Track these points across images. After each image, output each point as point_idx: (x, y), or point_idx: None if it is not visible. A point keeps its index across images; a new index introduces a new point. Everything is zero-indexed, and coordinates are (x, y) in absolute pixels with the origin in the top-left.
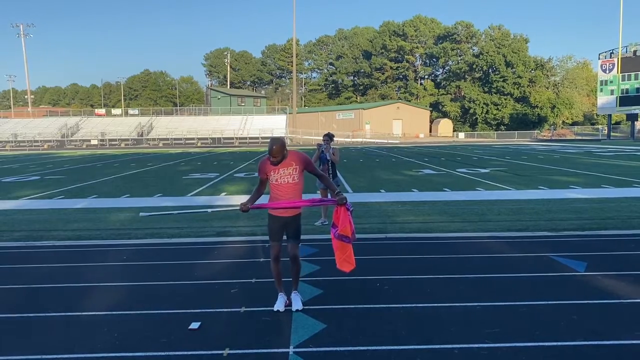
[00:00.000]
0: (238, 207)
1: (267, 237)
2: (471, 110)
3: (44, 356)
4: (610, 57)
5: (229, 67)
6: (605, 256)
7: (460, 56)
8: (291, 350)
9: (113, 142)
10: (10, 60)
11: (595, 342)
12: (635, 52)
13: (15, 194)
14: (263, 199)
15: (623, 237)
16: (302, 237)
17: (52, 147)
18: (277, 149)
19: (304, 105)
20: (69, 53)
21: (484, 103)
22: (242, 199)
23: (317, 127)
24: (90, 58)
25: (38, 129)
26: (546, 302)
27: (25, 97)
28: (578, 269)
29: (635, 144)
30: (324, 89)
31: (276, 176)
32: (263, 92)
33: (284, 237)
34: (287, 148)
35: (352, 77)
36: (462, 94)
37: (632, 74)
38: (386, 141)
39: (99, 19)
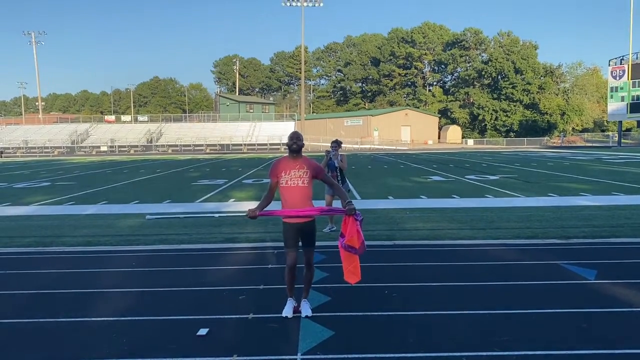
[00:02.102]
0: (245, 214)
1: (275, 244)
2: (480, 117)
3: None
4: (621, 64)
5: (237, 74)
6: (615, 264)
7: (469, 63)
8: (299, 357)
9: (122, 149)
10: (22, 67)
11: (606, 351)
12: None
13: (26, 199)
14: (273, 207)
15: (634, 244)
16: None
17: (62, 154)
18: (298, 135)
19: (312, 112)
20: (79, 60)
21: (493, 110)
22: (251, 205)
23: (326, 133)
24: (100, 65)
25: (48, 135)
26: (556, 310)
27: (36, 103)
28: (588, 276)
29: None
30: (332, 96)
31: (287, 177)
32: (271, 98)
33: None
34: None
35: (360, 84)
36: (471, 100)
37: None
38: (394, 148)
39: (109, 26)
